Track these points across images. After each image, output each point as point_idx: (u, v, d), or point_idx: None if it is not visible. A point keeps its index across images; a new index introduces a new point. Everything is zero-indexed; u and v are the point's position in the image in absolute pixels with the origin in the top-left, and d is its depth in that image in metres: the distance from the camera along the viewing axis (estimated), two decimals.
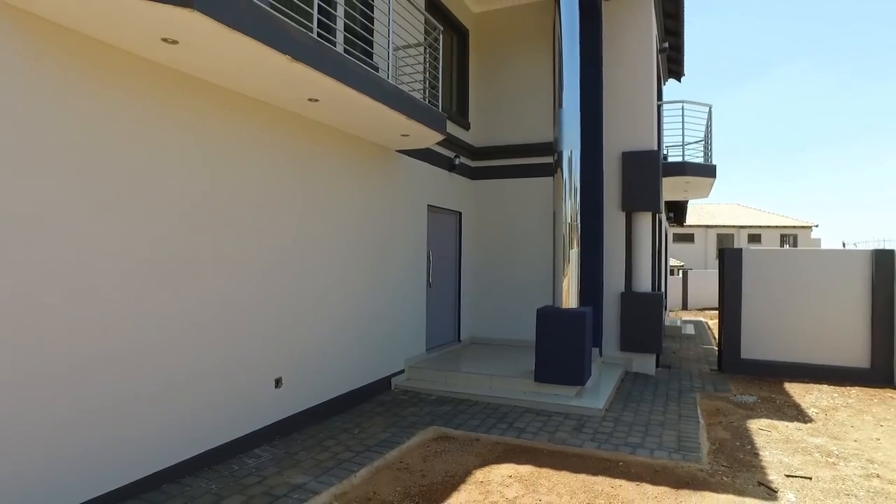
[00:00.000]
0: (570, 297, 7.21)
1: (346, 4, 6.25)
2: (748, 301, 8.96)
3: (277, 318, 5.34)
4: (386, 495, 4.21)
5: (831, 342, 8.51)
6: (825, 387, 7.99)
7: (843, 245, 32.51)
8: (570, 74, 7.37)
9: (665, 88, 14.08)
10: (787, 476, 4.63)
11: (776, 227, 42.06)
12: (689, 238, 42.74)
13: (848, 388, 7.94)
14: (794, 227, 41.61)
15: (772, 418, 6.39)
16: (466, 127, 9.55)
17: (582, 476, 4.59)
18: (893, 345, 8.10)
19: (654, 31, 9.51)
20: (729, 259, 9.04)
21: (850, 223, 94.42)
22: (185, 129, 4.34)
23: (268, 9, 3.83)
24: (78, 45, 3.57)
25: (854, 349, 8.36)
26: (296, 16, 4.50)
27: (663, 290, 12.51)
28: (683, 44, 12.04)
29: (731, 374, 8.89)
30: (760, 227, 42.16)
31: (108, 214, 3.77)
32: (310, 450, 5.07)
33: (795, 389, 7.84)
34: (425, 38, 7.02)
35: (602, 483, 4.45)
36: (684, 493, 4.28)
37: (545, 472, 4.68)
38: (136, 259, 3.95)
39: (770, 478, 4.60)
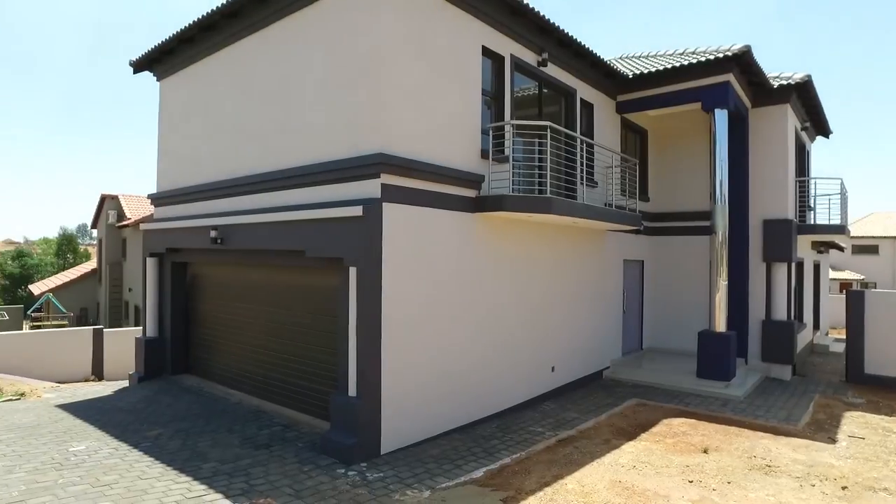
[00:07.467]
0: (720, 323, 11.12)
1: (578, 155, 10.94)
2: (870, 329, 11.95)
3: (547, 334, 10.14)
4: (619, 425, 8.76)
5: None
6: None
7: None
8: (721, 175, 11.17)
9: (814, 145, 16.81)
10: (849, 436, 8.31)
11: None
12: (872, 249, 40.24)
13: None
14: None
15: (865, 412, 9.77)
16: (647, 200, 13.72)
17: (723, 426, 8.71)
18: None
19: (791, 127, 12.82)
20: (853, 298, 12.14)
21: None
22: (520, 242, 9.30)
23: (573, 201, 8.63)
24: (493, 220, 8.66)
25: None
26: (567, 173, 9.25)
27: (806, 316, 15.44)
28: (825, 115, 14.87)
29: (855, 384, 11.96)
30: None
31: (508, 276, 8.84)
32: (572, 404, 9.81)
33: None
34: (626, 162, 11.44)
35: (733, 429, 8.55)
36: (780, 437, 8.23)
37: (702, 423, 8.88)
38: (514, 299, 8.98)
39: (837, 437, 8.31)
